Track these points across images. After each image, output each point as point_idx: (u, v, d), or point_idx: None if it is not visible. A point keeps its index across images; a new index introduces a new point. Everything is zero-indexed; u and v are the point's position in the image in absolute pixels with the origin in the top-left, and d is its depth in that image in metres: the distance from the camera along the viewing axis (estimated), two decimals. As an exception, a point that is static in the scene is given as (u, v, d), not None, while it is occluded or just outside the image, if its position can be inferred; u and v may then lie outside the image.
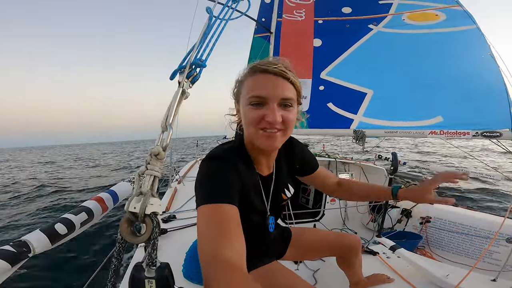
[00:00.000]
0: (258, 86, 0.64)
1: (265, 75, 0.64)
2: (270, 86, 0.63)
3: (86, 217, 0.68)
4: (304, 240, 1.06)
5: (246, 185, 0.71)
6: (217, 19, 0.69)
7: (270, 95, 0.63)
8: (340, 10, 2.77)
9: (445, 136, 2.09)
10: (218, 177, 0.63)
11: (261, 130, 0.65)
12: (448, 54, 2.36)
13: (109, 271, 0.45)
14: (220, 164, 0.66)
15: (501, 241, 1.91)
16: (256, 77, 0.65)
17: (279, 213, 0.91)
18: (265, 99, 0.63)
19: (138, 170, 0.44)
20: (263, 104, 0.63)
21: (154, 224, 0.42)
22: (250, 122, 0.65)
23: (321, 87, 2.71)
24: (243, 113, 0.68)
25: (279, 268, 0.86)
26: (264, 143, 0.66)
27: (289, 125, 0.66)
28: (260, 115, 0.63)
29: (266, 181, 0.80)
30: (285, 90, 0.64)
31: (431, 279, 1.22)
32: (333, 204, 2.80)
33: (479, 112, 2.09)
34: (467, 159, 10.30)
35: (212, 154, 0.69)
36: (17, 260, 0.48)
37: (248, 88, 0.66)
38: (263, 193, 0.79)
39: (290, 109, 0.66)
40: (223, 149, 0.73)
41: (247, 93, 0.65)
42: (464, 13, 2.36)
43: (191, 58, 0.56)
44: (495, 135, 1.88)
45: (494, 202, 5.24)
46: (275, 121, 0.62)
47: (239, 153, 0.74)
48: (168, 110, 0.50)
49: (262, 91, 0.63)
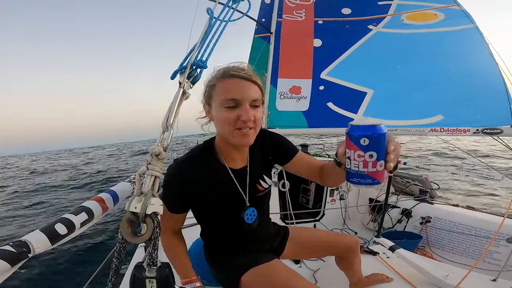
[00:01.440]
0: (232, 89, 0.72)
1: (236, 79, 0.73)
2: (242, 89, 0.72)
3: (86, 217, 0.68)
4: (303, 239, 1.08)
5: (213, 182, 0.81)
6: (217, 20, 0.69)
7: (243, 97, 0.71)
8: (339, 11, 2.77)
9: (446, 133, 2.08)
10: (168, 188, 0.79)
11: (237, 130, 0.73)
12: (447, 53, 2.37)
13: (110, 271, 0.46)
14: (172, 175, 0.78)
15: (501, 241, 1.91)
16: (228, 81, 0.73)
17: (261, 205, 0.94)
18: (239, 101, 0.72)
19: (139, 170, 0.45)
20: (236, 106, 0.72)
21: (155, 224, 0.42)
22: (226, 122, 0.73)
23: (321, 87, 2.71)
24: (218, 115, 0.75)
25: (281, 267, 0.86)
26: (240, 141, 0.75)
27: (259, 123, 0.77)
28: (235, 115, 0.72)
29: (241, 174, 0.87)
30: (254, 92, 0.74)
31: (430, 279, 1.22)
32: (333, 204, 2.81)
33: (479, 109, 2.09)
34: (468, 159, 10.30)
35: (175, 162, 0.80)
36: (17, 260, 0.48)
37: (222, 91, 0.73)
38: (237, 186, 0.85)
39: (258, 108, 0.76)
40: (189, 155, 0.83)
41: (221, 96, 0.73)
42: (462, 12, 2.36)
43: (191, 58, 0.56)
44: (496, 132, 1.88)
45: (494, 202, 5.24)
46: (249, 119, 0.71)
47: (207, 153, 0.84)
48: (168, 110, 0.51)
49: (237, 94, 0.71)
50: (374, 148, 0.48)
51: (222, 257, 0.92)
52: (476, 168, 3.16)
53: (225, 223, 0.89)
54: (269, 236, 1.02)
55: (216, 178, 0.82)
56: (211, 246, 0.95)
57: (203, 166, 0.81)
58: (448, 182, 6.43)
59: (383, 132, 0.49)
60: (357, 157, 0.49)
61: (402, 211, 2.50)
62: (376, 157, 0.48)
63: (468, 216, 2.18)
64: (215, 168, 0.83)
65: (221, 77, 0.75)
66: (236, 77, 0.73)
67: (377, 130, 0.49)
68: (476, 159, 3.85)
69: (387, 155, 0.50)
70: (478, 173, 2.31)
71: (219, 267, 0.93)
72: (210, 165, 0.82)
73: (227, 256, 0.92)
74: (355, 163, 0.50)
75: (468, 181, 6.46)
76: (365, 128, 0.49)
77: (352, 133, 0.50)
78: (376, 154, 0.48)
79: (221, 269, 0.92)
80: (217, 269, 0.94)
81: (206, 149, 0.85)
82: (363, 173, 0.49)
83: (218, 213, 0.86)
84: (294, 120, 2.73)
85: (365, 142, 0.48)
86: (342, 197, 2.84)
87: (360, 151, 0.48)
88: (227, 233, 0.91)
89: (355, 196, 2.93)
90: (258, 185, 0.91)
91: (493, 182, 5.18)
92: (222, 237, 0.92)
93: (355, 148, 0.49)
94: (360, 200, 2.90)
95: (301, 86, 2.77)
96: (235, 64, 0.78)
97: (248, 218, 0.87)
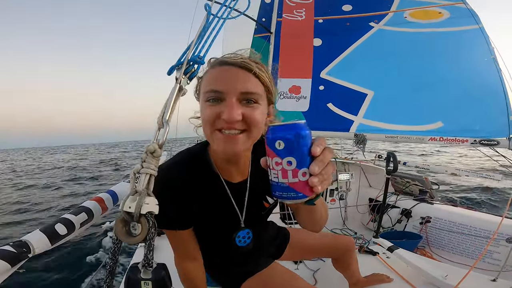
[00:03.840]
0: (214, 79, 0.55)
1: (223, 67, 0.56)
2: (228, 79, 0.54)
3: (86, 217, 0.68)
4: (299, 242, 1.05)
5: (203, 195, 0.66)
6: (215, 17, 0.69)
7: (227, 89, 0.53)
8: (340, 8, 2.74)
9: (445, 142, 2.10)
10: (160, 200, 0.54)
11: (217, 131, 0.55)
12: (450, 55, 2.33)
13: (105, 272, 0.45)
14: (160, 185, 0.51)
15: (501, 241, 1.91)
16: (214, 70, 0.57)
17: (259, 224, 0.81)
18: (222, 93, 0.53)
19: (133, 168, 0.44)
20: (220, 100, 0.54)
21: (150, 224, 0.41)
22: (205, 121, 0.55)
23: (321, 87, 2.70)
24: (200, 111, 0.59)
25: (279, 269, 0.85)
26: (221, 147, 0.55)
27: (253, 124, 0.55)
28: (215, 112, 0.53)
29: (238, 189, 0.70)
30: (247, 82, 0.54)
31: (430, 279, 1.22)
32: (333, 204, 2.80)
33: (479, 119, 2.08)
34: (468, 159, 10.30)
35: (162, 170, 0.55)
36: (17, 260, 0.48)
37: (206, 82, 0.57)
38: (233, 203, 0.70)
39: (255, 105, 0.55)
40: (177, 161, 0.67)
41: (204, 88, 0.57)
42: (468, 11, 2.28)
43: (188, 54, 0.55)
44: (493, 143, 1.90)
45: (494, 202, 5.23)
46: (232, 118, 0.51)
47: (197, 161, 0.67)
48: (164, 107, 0.50)
49: (218, 85, 0.54)
50: (291, 153, 0.38)
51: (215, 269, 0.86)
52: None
53: (214, 242, 0.78)
54: (268, 242, 0.97)
55: (207, 190, 0.67)
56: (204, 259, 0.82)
57: (193, 174, 0.65)
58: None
59: (301, 132, 0.39)
60: (275, 164, 0.40)
61: (402, 211, 2.49)
62: (295, 165, 0.38)
63: (468, 216, 2.17)
64: (207, 178, 0.67)
65: (210, 67, 0.60)
66: (225, 64, 0.56)
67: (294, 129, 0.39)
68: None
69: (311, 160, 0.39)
70: (478, 173, 2.31)
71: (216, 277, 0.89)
72: (201, 174, 0.66)
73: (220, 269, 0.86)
74: (274, 172, 0.40)
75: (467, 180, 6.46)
76: (280, 128, 0.39)
77: (267, 136, 0.40)
78: (294, 160, 0.38)
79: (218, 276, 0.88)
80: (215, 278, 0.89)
81: (198, 153, 0.68)
82: (283, 185, 0.40)
83: (206, 230, 0.74)
84: (294, 121, 2.72)
85: (280, 145, 0.38)
86: (342, 197, 2.83)
87: (277, 157, 0.39)
88: (216, 251, 0.81)
89: (355, 196, 2.93)
90: (264, 202, 0.76)
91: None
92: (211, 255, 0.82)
93: (272, 154, 0.40)
94: (360, 200, 2.90)
95: (301, 85, 2.76)
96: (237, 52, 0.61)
97: (241, 241, 0.73)
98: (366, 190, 2.98)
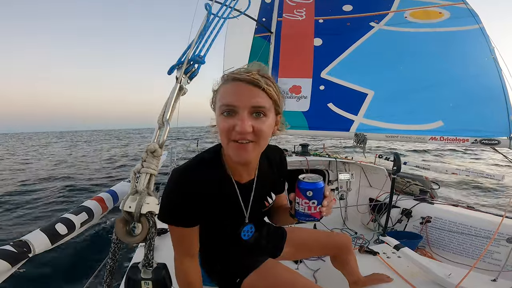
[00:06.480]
0: (228, 94, 0.64)
1: (236, 83, 0.64)
2: (240, 94, 0.62)
3: (86, 217, 0.68)
4: (296, 239, 1.07)
5: (216, 193, 0.74)
6: (216, 16, 0.69)
7: (239, 104, 0.62)
8: (340, 8, 2.73)
9: (445, 142, 2.09)
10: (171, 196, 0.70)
11: (233, 142, 0.64)
12: (451, 55, 2.32)
13: (104, 272, 0.45)
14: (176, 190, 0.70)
15: (501, 241, 1.90)
16: (227, 86, 0.65)
17: (260, 220, 0.92)
18: (235, 107, 0.62)
19: (134, 168, 0.44)
20: (234, 113, 0.63)
21: (151, 224, 0.41)
22: (222, 132, 0.65)
23: (321, 86, 2.70)
24: (217, 123, 0.69)
25: (279, 267, 0.85)
26: (235, 156, 0.65)
27: (261, 136, 0.65)
28: (230, 124, 0.62)
29: (245, 188, 0.80)
30: (256, 97, 0.63)
31: (434, 278, 1.22)
32: (333, 204, 2.80)
33: (479, 118, 2.08)
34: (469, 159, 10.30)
35: (179, 171, 0.71)
36: (17, 260, 0.48)
37: (220, 97, 0.66)
38: (240, 201, 0.79)
39: (263, 118, 0.65)
40: (194, 164, 0.75)
41: (219, 102, 0.65)
42: (468, 11, 2.28)
43: (189, 54, 0.55)
44: (493, 143, 1.90)
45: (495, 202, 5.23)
46: (244, 130, 0.61)
47: (212, 164, 0.76)
48: (165, 106, 0.49)
49: (232, 100, 0.62)
50: (315, 198, 0.67)
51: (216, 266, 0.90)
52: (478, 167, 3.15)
53: (221, 237, 0.85)
54: (266, 236, 0.99)
55: (220, 189, 0.75)
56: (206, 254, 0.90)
57: (210, 174, 0.74)
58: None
59: (321, 187, 0.67)
60: (304, 203, 0.67)
61: (402, 211, 2.49)
62: (317, 203, 0.67)
63: (468, 216, 2.17)
64: (221, 179, 0.76)
65: (224, 82, 0.68)
66: (237, 81, 0.64)
67: (318, 185, 0.67)
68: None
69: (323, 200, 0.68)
70: (478, 173, 2.31)
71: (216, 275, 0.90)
72: (216, 174, 0.75)
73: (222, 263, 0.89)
74: (302, 207, 0.69)
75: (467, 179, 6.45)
76: (310, 184, 0.67)
77: (301, 187, 0.67)
78: (316, 201, 0.67)
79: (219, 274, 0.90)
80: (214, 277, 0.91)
81: (211, 159, 0.77)
82: (307, 214, 0.68)
83: (214, 226, 0.81)
84: (294, 121, 2.72)
85: (310, 194, 0.66)
86: (342, 197, 2.82)
87: (305, 199, 0.67)
88: (221, 245, 0.87)
89: (355, 196, 2.92)
90: (265, 201, 0.87)
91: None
92: (217, 248, 0.88)
93: (302, 197, 0.67)
94: (360, 200, 2.89)
95: (301, 85, 2.76)
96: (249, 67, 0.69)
97: (245, 234, 0.84)
98: (366, 190, 2.98)
